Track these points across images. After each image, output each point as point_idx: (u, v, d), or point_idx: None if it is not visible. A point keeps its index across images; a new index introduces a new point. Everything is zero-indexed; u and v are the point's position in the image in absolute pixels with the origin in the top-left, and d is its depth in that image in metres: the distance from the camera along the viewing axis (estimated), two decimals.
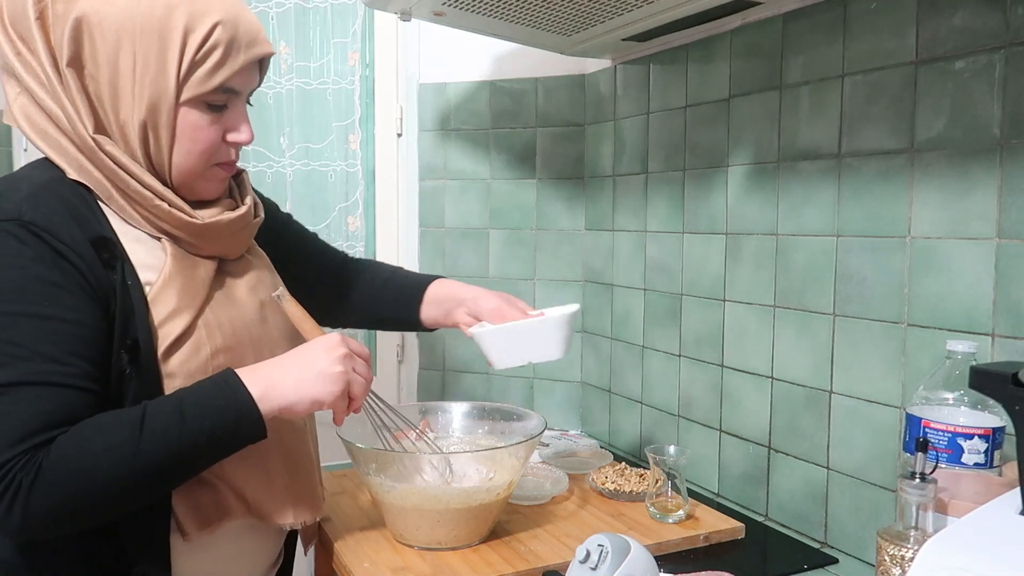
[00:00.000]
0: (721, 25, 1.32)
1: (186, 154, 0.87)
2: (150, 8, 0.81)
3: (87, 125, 0.82)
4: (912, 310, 1.02)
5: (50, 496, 0.75)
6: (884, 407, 1.06)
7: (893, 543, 0.84)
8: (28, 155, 2.10)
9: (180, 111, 0.85)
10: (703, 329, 1.40)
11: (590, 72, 1.70)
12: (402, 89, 1.86)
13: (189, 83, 0.84)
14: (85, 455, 0.76)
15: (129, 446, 0.77)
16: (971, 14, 0.93)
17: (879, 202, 1.06)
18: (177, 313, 0.85)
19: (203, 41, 0.83)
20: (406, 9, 1.30)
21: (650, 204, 1.53)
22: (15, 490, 0.74)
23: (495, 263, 1.81)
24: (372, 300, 1.24)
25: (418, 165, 1.86)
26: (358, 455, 1.06)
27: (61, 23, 0.81)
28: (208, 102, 0.86)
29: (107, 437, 0.77)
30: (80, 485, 0.76)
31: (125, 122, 0.84)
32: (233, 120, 0.90)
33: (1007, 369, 0.72)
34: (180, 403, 0.81)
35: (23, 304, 0.76)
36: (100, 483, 0.77)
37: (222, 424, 0.81)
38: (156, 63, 0.82)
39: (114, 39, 0.81)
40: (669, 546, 1.11)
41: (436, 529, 1.05)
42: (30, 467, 0.74)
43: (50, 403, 0.76)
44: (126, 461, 0.77)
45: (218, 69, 0.85)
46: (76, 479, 0.76)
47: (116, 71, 0.82)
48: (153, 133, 0.85)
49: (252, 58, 0.88)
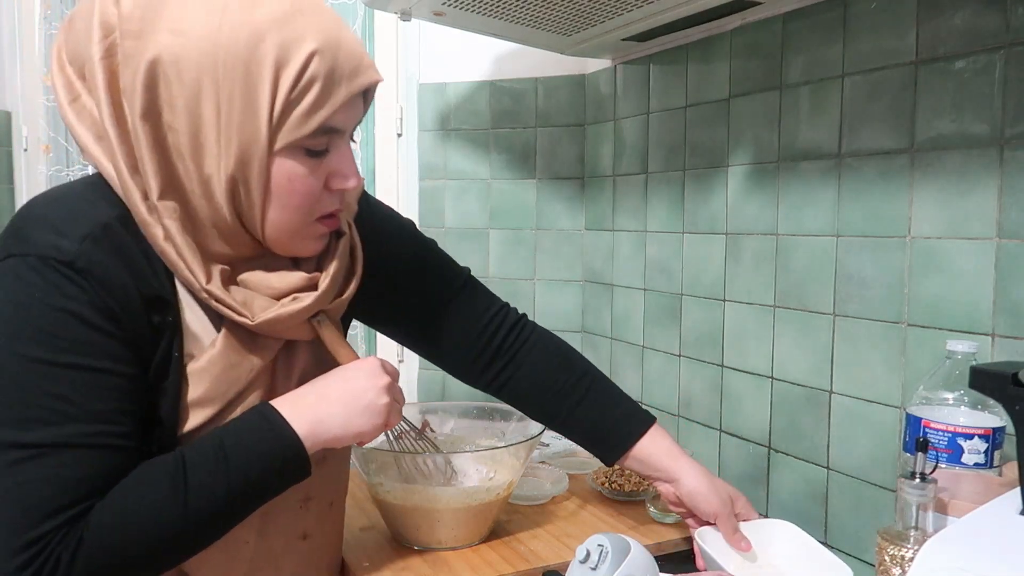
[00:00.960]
0: (721, 25, 1.31)
1: (282, 209, 0.74)
2: (233, 38, 0.68)
3: (152, 187, 0.71)
4: (912, 310, 1.02)
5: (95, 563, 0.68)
6: (884, 407, 1.06)
7: (893, 543, 0.84)
8: (28, 155, 2.10)
9: (274, 161, 0.72)
10: (703, 329, 1.40)
11: (590, 72, 1.70)
12: (402, 89, 1.86)
13: (284, 128, 0.71)
14: (129, 522, 0.69)
15: (174, 504, 0.71)
16: (971, 14, 0.93)
17: (879, 202, 1.06)
18: (203, 404, 0.77)
19: (298, 76, 0.69)
20: (406, 9, 1.30)
21: (650, 204, 1.53)
22: (53, 566, 0.66)
23: (495, 263, 1.81)
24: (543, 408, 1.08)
25: (418, 165, 1.86)
26: (358, 455, 1.06)
27: (132, 65, 0.69)
28: (307, 148, 0.73)
29: (149, 497, 0.71)
30: (126, 551, 0.70)
31: (210, 176, 0.72)
32: (336, 163, 0.76)
33: (1007, 369, 0.72)
34: (221, 448, 0.73)
35: (74, 355, 0.68)
36: (146, 547, 0.71)
37: (268, 468, 0.75)
38: (243, 105, 0.69)
39: (194, 80, 0.68)
40: (669, 546, 1.11)
41: (436, 529, 1.05)
42: (70, 541, 0.67)
43: (93, 467, 0.69)
44: (172, 521, 0.71)
45: (318, 109, 0.71)
46: (121, 547, 0.69)
47: (198, 119, 0.70)
48: (244, 188, 0.72)
49: (356, 90, 0.74)
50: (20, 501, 0.66)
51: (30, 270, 0.68)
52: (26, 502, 0.66)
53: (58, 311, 0.68)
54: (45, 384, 0.67)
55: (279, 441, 0.75)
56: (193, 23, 0.68)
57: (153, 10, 0.69)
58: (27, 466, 0.66)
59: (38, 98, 2.06)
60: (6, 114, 2.11)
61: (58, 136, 2.07)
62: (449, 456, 1.09)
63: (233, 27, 0.68)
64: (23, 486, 0.66)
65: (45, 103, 2.05)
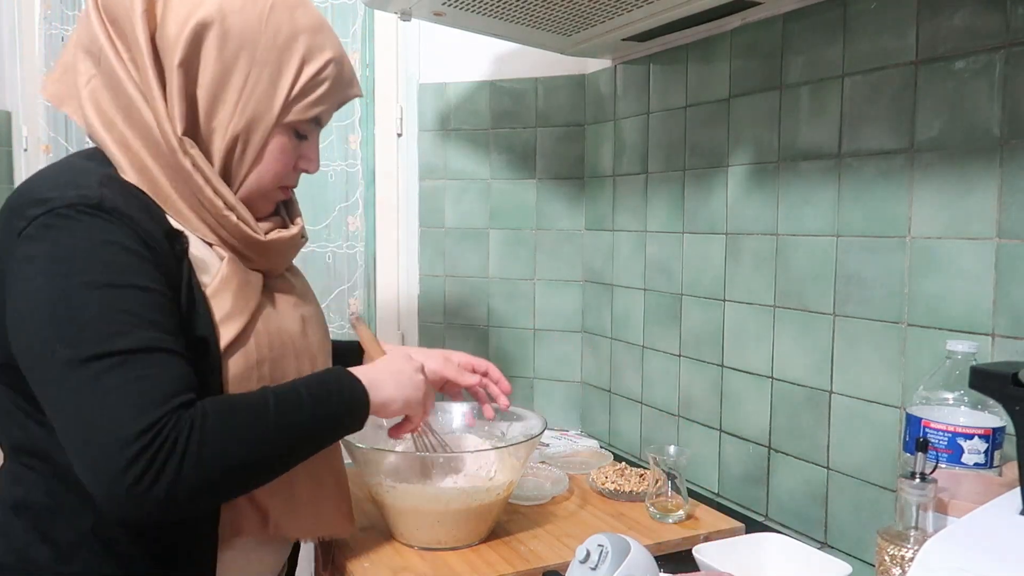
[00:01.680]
0: (721, 25, 1.31)
1: (263, 173, 0.89)
2: (276, 29, 0.84)
3: (176, 126, 0.82)
4: (912, 310, 1.02)
5: (204, 463, 0.74)
6: (884, 407, 1.06)
7: (893, 543, 0.84)
8: (28, 155, 2.10)
9: (275, 132, 0.87)
10: (703, 329, 1.40)
11: (590, 72, 1.70)
12: (402, 89, 1.86)
13: (294, 108, 0.87)
14: (232, 422, 0.77)
15: (268, 419, 0.79)
16: (971, 14, 0.93)
17: (879, 202, 1.06)
18: (232, 317, 0.85)
19: (316, 73, 0.87)
20: (406, 9, 1.30)
21: (650, 204, 1.53)
22: (168, 453, 0.71)
23: (495, 263, 1.81)
24: None
25: (418, 165, 1.86)
26: (358, 455, 1.06)
27: (177, 23, 0.81)
28: (298, 130, 0.90)
29: (246, 408, 0.79)
30: (233, 446, 0.76)
31: (215, 129, 0.85)
32: (308, 150, 0.93)
33: (1007, 369, 0.72)
34: (302, 387, 0.85)
35: (128, 276, 0.76)
36: (249, 446, 0.78)
37: (339, 408, 0.87)
38: (267, 83, 0.85)
39: (235, 49, 0.83)
40: (669, 546, 1.11)
41: (436, 529, 1.05)
42: (183, 425, 0.73)
43: (174, 368, 0.76)
44: (269, 428, 0.79)
45: (321, 102, 0.89)
46: (231, 439, 0.76)
47: (225, 80, 0.83)
48: (242, 147, 0.86)
49: (348, 98, 0.94)
50: (124, 399, 0.71)
51: (65, 218, 0.75)
52: (130, 399, 0.72)
53: (102, 243, 0.75)
54: (112, 303, 0.74)
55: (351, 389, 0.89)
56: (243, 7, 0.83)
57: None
58: (117, 371, 0.72)
59: (38, 98, 2.06)
60: (6, 114, 2.11)
61: (58, 136, 2.07)
62: (449, 456, 1.09)
63: (276, 23, 0.85)
64: (123, 387, 0.72)
65: (45, 103, 2.05)
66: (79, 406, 0.72)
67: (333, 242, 1.92)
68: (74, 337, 0.73)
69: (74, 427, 0.72)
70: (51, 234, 0.75)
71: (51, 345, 0.73)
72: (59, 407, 0.74)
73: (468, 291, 1.84)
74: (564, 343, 1.78)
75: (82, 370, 0.72)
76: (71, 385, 0.72)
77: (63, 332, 0.73)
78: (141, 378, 0.73)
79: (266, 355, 0.88)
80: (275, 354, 0.90)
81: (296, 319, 0.95)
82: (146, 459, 0.70)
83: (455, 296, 1.85)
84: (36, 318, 0.74)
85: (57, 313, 0.74)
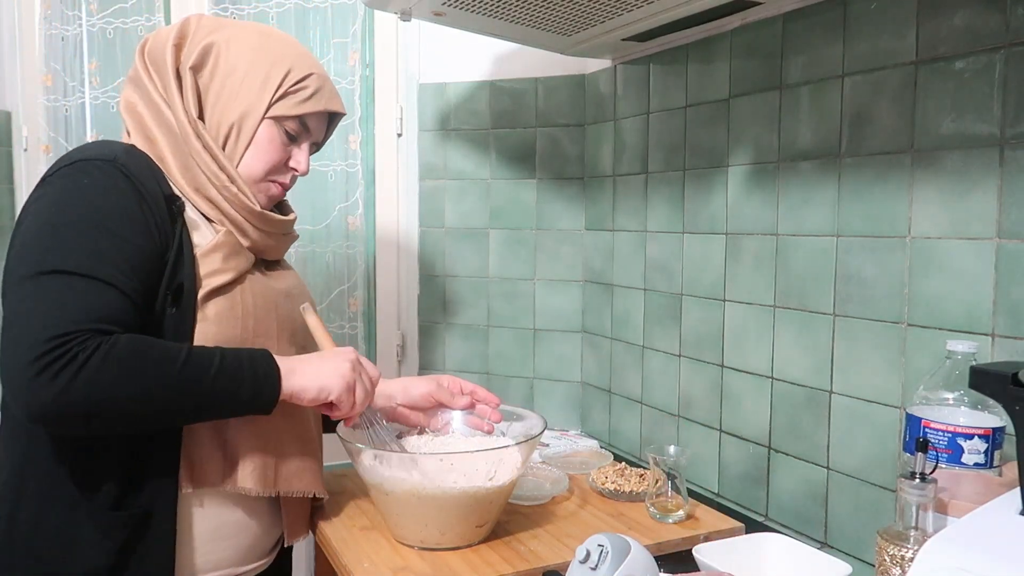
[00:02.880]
0: (721, 25, 1.31)
1: (254, 159, 1.04)
2: (269, 49, 1.04)
3: (190, 112, 1.00)
4: (912, 310, 1.02)
5: (97, 382, 0.82)
6: (884, 407, 1.06)
7: (893, 543, 0.84)
8: (28, 154, 2.10)
9: (263, 123, 1.03)
10: (703, 329, 1.40)
11: (590, 72, 1.70)
12: (402, 89, 1.86)
13: (279, 104, 1.03)
14: (138, 359, 0.85)
15: (173, 368, 0.86)
16: (971, 14, 0.93)
17: (879, 202, 1.06)
18: (221, 272, 0.98)
19: (299, 79, 1.04)
20: (406, 9, 1.30)
21: (650, 204, 1.53)
22: (68, 361, 0.80)
23: (495, 263, 1.81)
24: None
25: (418, 165, 1.86)
26: (358, 455, 1.06)
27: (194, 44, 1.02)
28: (286, 128, 1.05)
29: (158, 354, 0.87)
30: (129, 378, 0.84)
31: (219, 120, 1.02)
32: (298, 154, 1.09)
33: (1007, 369, 0.72)
34: (221, 353, 0.91)
35: (112, 223, 0.89)
36: (144, 385, 0.85)
37: (248, 384, 0.92)
38: (259, 83, 1.02)
39: (234, 62, 1.02)
40: (669, 546, 1.11)
41: (436, 529, 1.05)
42: (89, 346, 0.82)
43: (113, 302, 0.86)
44: (167, 380, 0.86)
45: (303, 103, 1.05)
46: (125, 376, 0.83)
47: (225, 83, 1.02)
48: (237, 132, 1.03)
49: (329, 108, 1.08)
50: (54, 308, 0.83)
51: (80, 169, 0.91)
52: (59, 309, 0.83)
53: (103, 190, 0.90)
54: (87, 239, 0.87)
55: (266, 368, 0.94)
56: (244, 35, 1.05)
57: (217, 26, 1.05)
58: (61, 285, 0.84)
59: (38, 98, 2.06)
60: (6, 114, 2.11)
61: (58, 136, 2.06)
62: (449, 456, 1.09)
63: (271, 45, 1.05)
64: (58, 299, 0.84)
65: (45, 103, 2.05)
66: (18, 312, 0.84)
67: (333, 242, 1.92)
68: (42, 257, 0.86)
69: (7, 330, 0.83)
70: (63, 180, 0.91)
71: (21, 263, 0.86)
72: (5, 315, 0.85)
73: (468, 291, 1.84)
74: (564, 343, 1.78)
75: (31, 282, 0.85)
76: (20, 295, 0.85)
77: (35, 253, 0.86)
78: (76, 296, 0.84)
79: (250, 310, 1.00)
80: (260, 313, 1.01)
81: (284, 289, 1.09)
82: (47, 360, 0.80)
83: (455, 296, 1.85)
84: (23, 241, 0.89)
85: (38, 238, 0.87)
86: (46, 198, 0.91)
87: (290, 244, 1.16)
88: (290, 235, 1.14)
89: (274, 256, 1.12)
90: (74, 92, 2.03)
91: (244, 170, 1.04)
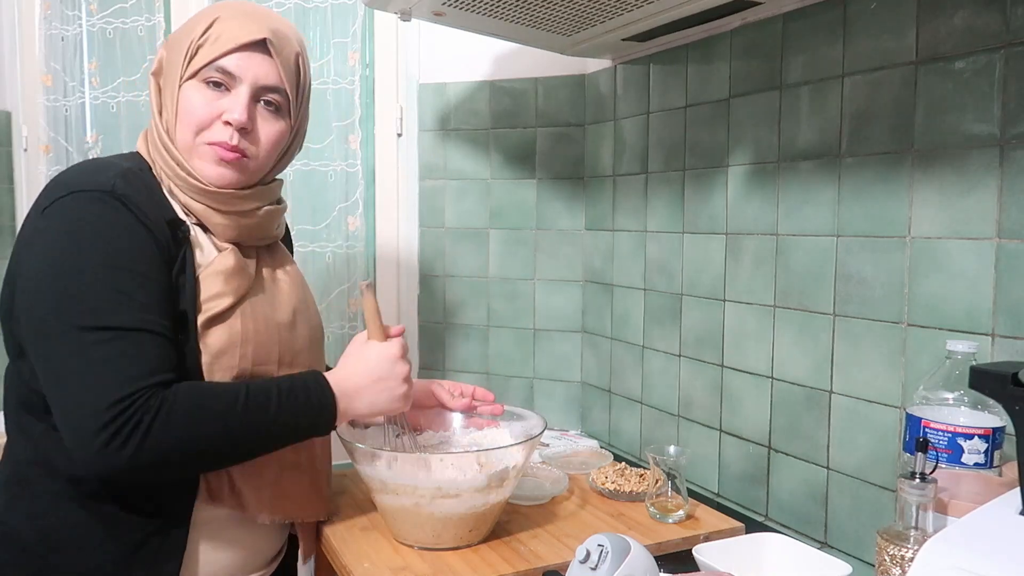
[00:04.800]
0: (721, 25, 1.31)
1: (183, 127, 0.97)
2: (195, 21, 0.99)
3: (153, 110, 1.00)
4: (912, 310, 1.02)
5: (168, 434, 0.83)
6: (884, 407, 1.06)
7: (893, 543, 0.84)
8: (28, 155, 2.10)
9: (183, 87, 0.96)
10: (703, 329, 1.40)
11: (590, 72, 1.70)
12: (402, 89, 1.86)
13: (191, 63, 0.96)
14: (203, 405, 0.86)
15: (236, 409, 0.88)
16: (971, 14, 0.93)
17: (879, 202, 1.06)
18: (221, 296, 0.94)
19: (205, 30, 0.96)
20: (406, 9, 1.30)
21: (650, 204, 1.53)
22: (134, 427, 0.81)
23: (495, 263, 1.81)
24: None
25: (418, 165, 1.86)
26: (358, 455, 1.06)
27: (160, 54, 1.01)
28: (206, 79, 0.96)
29: (218, 396, 0.88)
30: (195, 431, 0.85)
31: (165, 105, 0.99)
32: (230, 103, 0.97)
33: (1007, 369, 0.72)
34: (277, 388, 0.93)
35: (127, 259, 0.87)
36: (210, 434, 0.86)
37: (306, 415, 0.94)
38: (176, 54, 0.97)
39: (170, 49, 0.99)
40: (669, 546, 1.11)
41: (436, 529, 1.05)
42: (152, 406, 0.82)
43: (160, 349, 0.86)
44: (233, 421, 0.87)
45: (213, 51, 0.96)
46: (194, 424, 0.85)
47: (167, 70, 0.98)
48: (168, 111, 0.98)
49: (239, 41, 0.96)
50: (108, 370, 0.82)
51: (79, 200, 0.87)
52: (113, 371, 0.82)
53: (109, 225, 0.87)
54: (110, 281, 0.85)
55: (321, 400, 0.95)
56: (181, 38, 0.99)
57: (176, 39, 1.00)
58: (109, 345, 0.83)
59: (38, 98, 2.06)
60: (6, 114, 2.11)
61: (58, 136, 2.06)
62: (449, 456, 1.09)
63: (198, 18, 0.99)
64: (110, 360, 0.82)
65: (45, 103, 2.05)
66: (68, 372, 0.82)
67: (333, 242, 1.92)
68: (73, 308, 0.83)
69: (62, 391, 0.83)
70: (66, 213, 0.87)
71: (51, 313, 0.84)
72: (50, 371, 0.84)
73: (468, 291, 1.84)
74: (564, 343, 1.78)
75: (75, 340, 0.83)
76: (63, 352, 0.83)
77: (63, 303, 0.84)
78: (126, 355, 0.83)
79: (251, 336, 0.96)
80: (260, 338, 0.98)
81: (287, 311, 1.04)
82: (115, 427, 0.80)
83: (455, 296, 1.85)
84: (39, 286, 0.85)
85: (59, 284, 0.84)
86: (51, 233, 0.87)
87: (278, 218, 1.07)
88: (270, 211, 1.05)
89: (261, 238, 1.05)
90: (74, 92, 2.03)
91: (178, 143, 0.97)
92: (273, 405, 0.91)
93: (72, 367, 0.82)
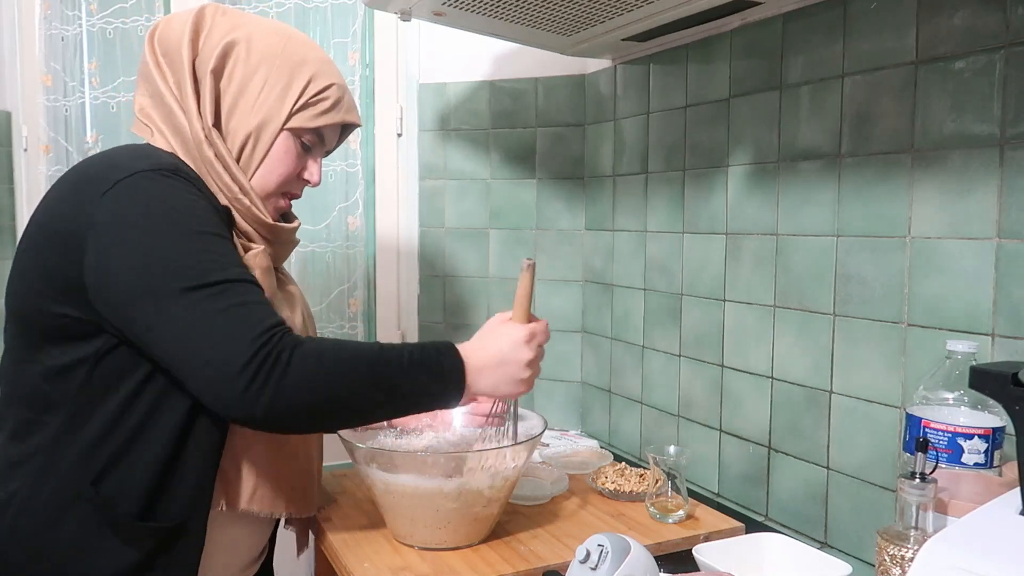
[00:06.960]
0: (721, 25, 1.31)
1: (269, 172, 1.01)
2: (291, 53, 1.00)
3: (206, 122, 0.96)
4: (912, 310, 1.02)
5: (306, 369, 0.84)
6: (884, 407, 1.06)
7: (893, 543, 0.84)
8: (28, 155, 2.10)
9: (281, 135, 1.00)
10: (703, 329, 1.40)
11: (590, 72, 1.70)
12: (402, 89, 1.86)
13: (298, 115, 1.00)
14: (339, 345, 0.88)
15: (367, 363, 0.88)
16: (971, 14, 0.93)
17: (879, 202, 1.06)
18: None
19: (321, 90, 1.01)
20: (406, 9, 1.30)
21: (650, 204, 1.53)
22: (275, 359, 0.82)
23: (495, 263, 1.81)
24: None
25: (418, 165, 1.86)
26: (358, 454, 1.06)
27: (212, 42, 0.97)
28: (303, 140, 1.02)
29: (348, 345, 0.89)
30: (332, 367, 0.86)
31: (235, 129, 0.98)
32: (312, 164, 1.06)
33: (1007, 369, 0.72)
34: (409, 349, 0.93)
35: (211, 226, 0.89)
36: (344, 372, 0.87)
37: (436, 381, 0.94)
38: (279, 91, 0.99)
39: (256, 63, 0.98)
40: (669, 546, 1.11)
41: (436, 529, 1.05)
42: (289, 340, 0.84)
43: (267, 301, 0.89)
44: (362, 367, 0.88)
45: (322, 114, 1.01)
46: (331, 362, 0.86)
47: (245, 86, 0.98)
48: (253, 143, 0.99)
49: (346, 120, 1.05)
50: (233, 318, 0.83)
51: (151, 180, 0.88)
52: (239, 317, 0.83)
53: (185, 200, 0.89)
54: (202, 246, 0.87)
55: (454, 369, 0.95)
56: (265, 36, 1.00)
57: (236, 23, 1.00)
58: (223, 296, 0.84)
59: (38, 98, 2.06)
60: (6, 114, 2.11)
61: (58, 136, 2.06)
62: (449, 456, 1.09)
63: (292, 49, 1.00)
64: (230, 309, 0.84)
65: (45, 103, 2.05)
66: (192, 329, 0.82)
67: (333, 242, 1.92)
68: (176, 274, 0.84)
69: (190, 348, 0.82)
70: (140, 193, 0.86)
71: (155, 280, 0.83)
72: (167, 336, 0.83)
73: (468, 291, 1.84)
74: (564, 343, 1.78)
75: (187, 301, 0.83)
76: (179, 314, 0.83)
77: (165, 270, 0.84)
78: (245, 303, 0.85)
79: None
80: None
81: (299, 319, 1.06)
82: (254, 367, 0.81)
83: (455, 296, 1.85)
84: (135, 263, 0.84)
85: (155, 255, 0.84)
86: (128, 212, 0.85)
87: (293, 248, 1.14)
88: (294, 242, 1.13)
89: (279, 264, 1.10)
90: (74, 92, 2.03)
91: (257, 182, 1.00)
92: (405, 360, 0.91)
93: (194, 323, 0.83)
